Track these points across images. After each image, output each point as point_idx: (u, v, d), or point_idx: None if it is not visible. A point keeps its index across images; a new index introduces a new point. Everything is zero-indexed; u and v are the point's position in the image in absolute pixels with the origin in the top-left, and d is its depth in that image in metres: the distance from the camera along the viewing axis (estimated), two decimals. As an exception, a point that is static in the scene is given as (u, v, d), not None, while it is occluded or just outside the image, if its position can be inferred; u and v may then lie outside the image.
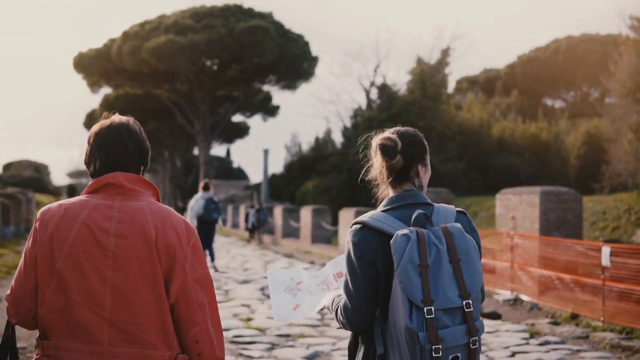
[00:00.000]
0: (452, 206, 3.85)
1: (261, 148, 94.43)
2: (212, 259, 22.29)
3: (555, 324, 13.78)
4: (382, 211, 3.76)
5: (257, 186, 76.05)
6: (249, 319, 13.68)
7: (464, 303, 3.43)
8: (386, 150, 3.77)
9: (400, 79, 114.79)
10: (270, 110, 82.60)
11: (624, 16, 40.36)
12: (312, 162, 61.88)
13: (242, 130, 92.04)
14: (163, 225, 3.45)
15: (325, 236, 34.39)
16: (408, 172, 3.82)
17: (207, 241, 21.81)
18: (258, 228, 39.26)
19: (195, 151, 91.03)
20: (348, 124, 59.69)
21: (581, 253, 15.00)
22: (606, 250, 13.34)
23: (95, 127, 3.64)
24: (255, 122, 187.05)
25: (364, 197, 48.85)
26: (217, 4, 68.48)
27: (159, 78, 68.36)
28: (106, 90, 77.53)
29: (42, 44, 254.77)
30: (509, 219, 18.11)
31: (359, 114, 57.72)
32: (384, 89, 55.44)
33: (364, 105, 58.24)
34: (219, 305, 12.44)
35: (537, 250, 16.21)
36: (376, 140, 3.87)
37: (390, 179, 3.83)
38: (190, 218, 21.44)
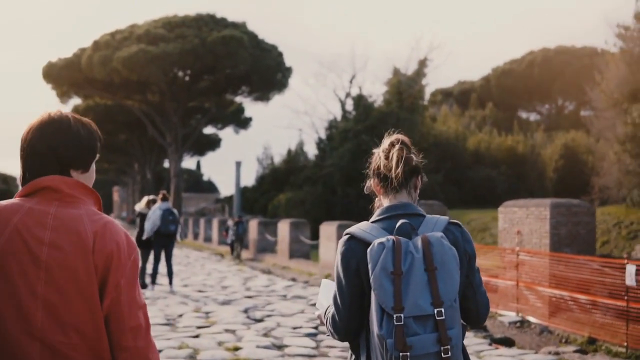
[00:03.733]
0: (445, 217, 3.79)
1: (233, 160, 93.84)
2: (170, 281, 20.62)
3: (582, 352, 12.44)
4: (372, 222, 3.78)
5: (229, 199, 75.43)
6: (236, 349, 12.18)
7: (435, 311, 3.38)
8: (406, 144, 3.84)
9: (376, 90, 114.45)
10: (242, 122, 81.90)
11: (611, 25, 39.87)
12: (285, 174, 61.50)
13: (213, 143, 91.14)
14: (102, 236, 3.15)
15: (304, 251, 33.20)
16: (408, 182, 3.82)
17: (166, 257, 20.50)
18: (236, 242, 37.70)
19: (166, 163, 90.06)
20: (323, 135, 58.69)
21: (597, 271, 13.79)
22: (631, 268, 12.12)
23: (27, 127, 3.31)
24: (227, 134, 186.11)
25: (338, 210, 49.07)
26: (189, 13, 67.42)
27: (130, 88, 67.07)
28: (76, 100, 76.62)
29: (10, 55, 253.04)
30: (514, 233, 16.87)
31: (334, 125, 56.83)
32: (359, 100, 54.79)
33: (339, 116, 57.30)
34: (199, 330, 10.95)
35: (546, 268, 14.95)
36: (390, 139, 3.88)
37: (385, 189, 3.84)
38: (148, 231, 20.05)
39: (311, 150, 77.42)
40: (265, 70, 66.75)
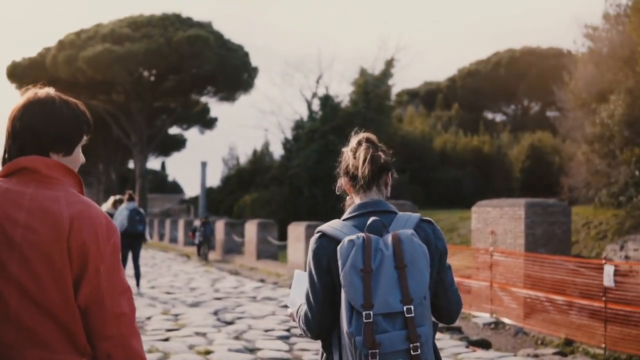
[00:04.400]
0: (416, 214, 3.77)
1: (198, 161, 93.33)
2: (138, 283, 20.27)
3: (562, 354, 12.22)
4: (343, 220, 3.78)
5: (194, 200, 75.07)
6: (207, 352, 11.85)
7: (404, 308, 3.38)
8: (373, 142, 3.83)
9: (343, 90, 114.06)
10: (207, 122, 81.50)
11: (580, 25, 39.83)
12: (251, 175, 61.33)
13: (178, 143, 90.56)
14: (80, 219, 3.02)
15: (272, 251, 32.94)
16: (378, 179, 3.81)
17: (133, 258, 20.11)
18: (203, 243, 37.16)
19: (131, 164, 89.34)
20: (289, 135, 58.42)
21: (572, 271, 13.62)
22: (609, 269, 11.96)
23: (13, 107, 3.20)
24: (192, 134, 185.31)
25: (305, 210, 48.85)
26: (155, 13, 66.93)
27: (95, 88, 66.40)
28: (41, 100, 74.93)
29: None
30: (488, 233, 16.68)
31: (300, 125, 56.50)
32: (326, 100, 54.54)
33: (305, 116, 57.02)
34: (169, 333, 10.64)
35: (521, 269, 14.75)
36: (357, 137, 3.88)
37: (360, 185, 3.80)
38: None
39: (277, 151, 77.23)
40: (231, 70, 66.34)
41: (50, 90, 3.27)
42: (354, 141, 3.89)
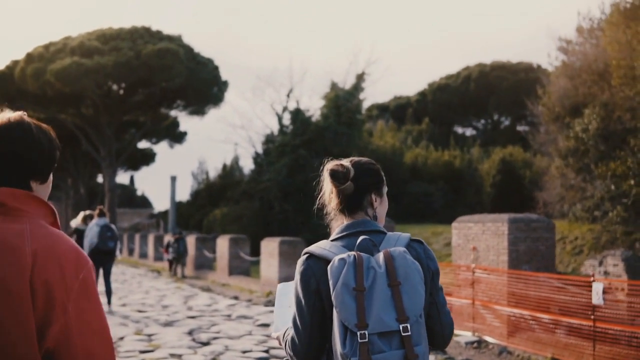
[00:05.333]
0: (406, 234, 3.71)
1: (167, 175, 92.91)
2: (109, 300, 19.79)
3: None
4: (332, 240, 3.69)
5: (163, 214, 74.67)
6: (184, 374, 11.51)
7: (401, 327, 3.27)
8: (336, 175, 3.73)
9: (314, 104, 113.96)
10: (177, 136, 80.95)
11: (553, 38, 39.84)
12: (220, 189, 61.16)
13: (148, 157, 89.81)
14: (44, 255, 2.79)
15: (244, 267, 32.56)
16: (361, 201, 3.74)
17: (104, 275, 19.58)
18: (178, 260, 36.49)
19: (100, 178, 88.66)
20: (260, 149, 58.08)
21: (557, 289, 13.31)
22: (598, 287, 11.65)
23: None
24: (161, 148, 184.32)
25: (276, 225, 48.54)
26: (124, 26, 66.36)
27: (63, 102, 65.63)
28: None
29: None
30: (469, 250, 16.34)
31: (271, 139, 56.19)
32: (297, 114, 54.24)
33: (276, 130, 56.71)
34: (143, 355, 10.12)
35: (505, 286, 14.43)
36: (328, 166, 3.81)
37: (341, 207, 3.74)
38: (86, 248, 19.14)
39: (247, 165, 76.72)
40: (200, 84, 65.95)
41: (22, 114, 3.13)
42: (324, 170, 3.82)
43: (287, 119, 55.81)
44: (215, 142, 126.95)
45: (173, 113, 75.11)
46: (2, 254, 2.76)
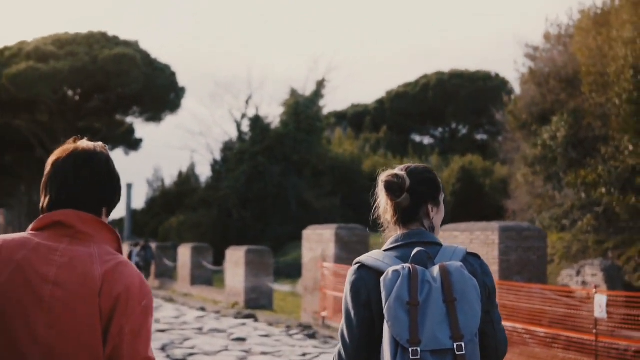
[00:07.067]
0: (463, 247, 3.49)
1: (123, 183, 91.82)
2: None
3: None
4: (385, 250, 3.50)
5: (118, 222, 73.80)
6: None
7: (455, 346, 3.06)
8: (391, 188, 3.56)
9: (273, 111, 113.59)
10: (133, 143, 79.98)
11: (520, 44, 39.78)
12: (177, 197, 60.54)
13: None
14: (112, 278, 2.82)
15: (206, 277, 31.97)
16: (417, 211, 3.55)
17: None
18: (145, 269, 35.46)
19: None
20: (218, 157, 57.54)
21: (551, 301, 12.82)
22: (601, 299, 11.13)
23: (54, 155, 3.11)
24: (117, 155, 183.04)
25: (235, 233, 47.97)
26: (81, 31, 65.58)
27: (18, 107, 64.49)
28: (-40, 119, 73.23)
29: None
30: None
31: (229, 146, 55.68)
32: (256, 121, 53.97)
33: (235, 137, 56.18)
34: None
35: (497, 298, 13.93)
36: (382, 177, 3.64)
37: (396, 219, 3.56)
38: None
39: (205, 173, 76.03)
40: (157, 90, 65.20)
41: (103, 145, 3.23)
42: (379, 182, 3.65)
43: (246, 126, 55.51)
44: (173, 149, 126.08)
45: (129, 119, 74.31)
46: (72, 275, 2.81)
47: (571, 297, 12.43)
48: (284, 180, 50.45)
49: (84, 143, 3.15)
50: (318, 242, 20.80)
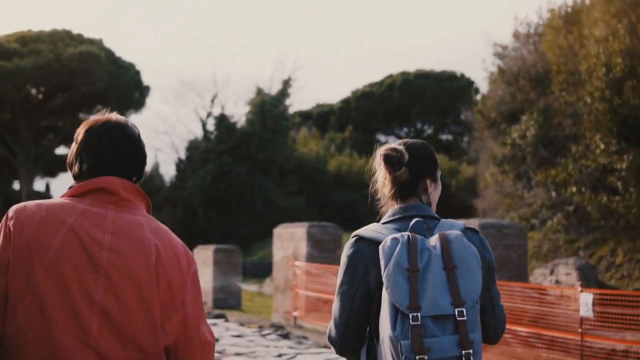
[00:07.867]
0: (461, 222, 3.47)
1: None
2: None
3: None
4: (383, 223, 3.51)
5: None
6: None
7: (456, 311, 3.06)
8: (390, 161, 3.56)
9: (239, 110, 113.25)
10: (96, 142, 79.60)
11: (489, 42, 39.86)
12: (140, 196, 59.65)
13: (66, 164, 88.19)
14: (164, 246, 2.90)
15: (173, 277, 31.55)
16: (415, 186, 3.55)
17: None
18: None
19: (16, 185, 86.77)
20: (183, 156, 57.14)
21: (531, 299, 12.64)
22: (587, 297, 10.95)
23: (87, 124, 3.16)
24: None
25: (200, 233, 47.66)
26: (45, 28, 65.18)
27: (-20, 105, 64.00)
28: None
29: None
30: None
31: (195, 145, 55.33)
32: (222, 120, 53.75)
33: (200, 136, 55.84)
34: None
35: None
36: (380, 150, 3.67)
37: (393, 192, 3.56)
38: None
39: (170, 172, 75.48)
40: (121, 89, 64.76)
41: (117, 115, 3.24)
42: (377, 155, 3.69)
43: (211, 125, 55.31)
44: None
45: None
46: (128, 243, 2.84)
47: (550, 295, 12.26)
48: (249, 179, 50.31)
49: (115, 115, 3.20)
50: (289, 240, 20.57)
